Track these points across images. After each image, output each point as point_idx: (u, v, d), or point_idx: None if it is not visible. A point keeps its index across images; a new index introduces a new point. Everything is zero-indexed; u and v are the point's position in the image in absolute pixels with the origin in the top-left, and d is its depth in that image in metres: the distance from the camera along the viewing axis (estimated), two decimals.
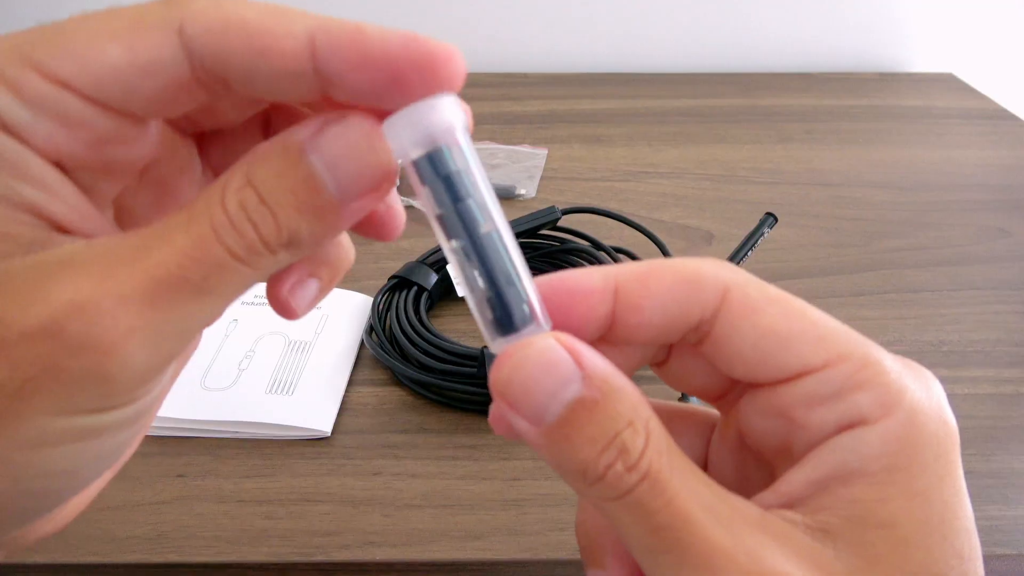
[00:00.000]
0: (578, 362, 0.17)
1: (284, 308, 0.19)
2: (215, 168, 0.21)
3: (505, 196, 0.61)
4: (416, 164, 0.17)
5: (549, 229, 0.50)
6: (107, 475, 0.20)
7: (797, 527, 0.17)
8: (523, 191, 0.61)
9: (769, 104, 0.79)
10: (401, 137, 0.17)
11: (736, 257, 0.46)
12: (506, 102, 0.79)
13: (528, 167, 0.65)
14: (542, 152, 0.68)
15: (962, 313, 0.48)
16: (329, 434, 0.39)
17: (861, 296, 0.50)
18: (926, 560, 0.17)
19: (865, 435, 0.17)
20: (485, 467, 0.37)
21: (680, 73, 0.87)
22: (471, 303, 0.18)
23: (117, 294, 0.15)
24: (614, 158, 0.66)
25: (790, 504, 0.18)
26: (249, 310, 0.47)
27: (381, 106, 0.17)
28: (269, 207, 0.16)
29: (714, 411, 0.22)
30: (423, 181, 0.17)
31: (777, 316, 0.18)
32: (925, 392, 0.18)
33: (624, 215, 0.50)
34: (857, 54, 0.88)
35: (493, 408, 0.18)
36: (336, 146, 0.17)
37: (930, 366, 0.46)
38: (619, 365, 0.18)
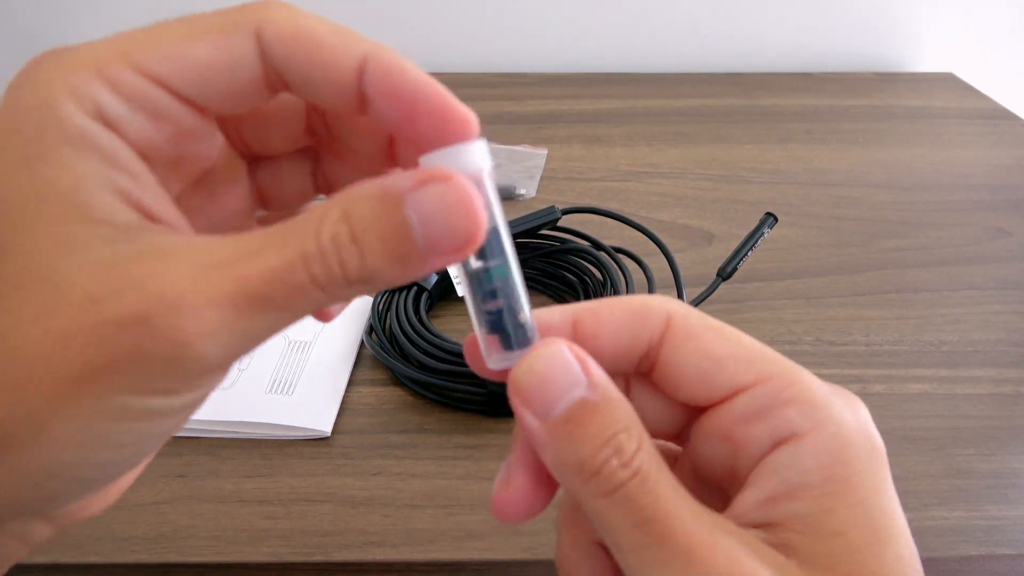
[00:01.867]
0: (585, 369, 0.19)
1: (323, 314, 0.23)
2: (261, 189, 0.23)
3: (505, 196, 0.61)
4: None
5: (549, 229, 0.50)
6: (144, 462, 0.22)
7: (763, 542, 0.19)
8: (523, 191, 0.61)
9: (769, 104, 0.79)
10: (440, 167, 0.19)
11: (736, 257, 0.46)
12: (506, 102, 0.79)
13: (528, 167, 0.65)
14: (542, 152, 0.68)
15: (962, 313, 0.48)
16: (329, 434, 0.39)
17: (861, 296, 0.50)
18: (874, 564, 0.18)
19: (799, 450, 0.19)
20: (485, 467, 0.37)
21: (680, 73, 0.87)
22: (476, 318, 0.20)
23: (206, 297, 0.17)
24: (614, 158, 0.66)
25: (746, 525, 0.19)
26: None
27: (396, 133, 0.20)
28: (359, 246, 0.17)
29: (675, 447, 0.23)
30: None
31: (713, 341, 0.21)
32: (850, 410, 0.20)
33: (624, 215, 0.50)
34: (857, 54, 0.88)
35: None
36: (434, 203, 0.18)
37: (930, 366, 0.46)
38: None
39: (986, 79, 0.87)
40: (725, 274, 0.46)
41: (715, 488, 0.21)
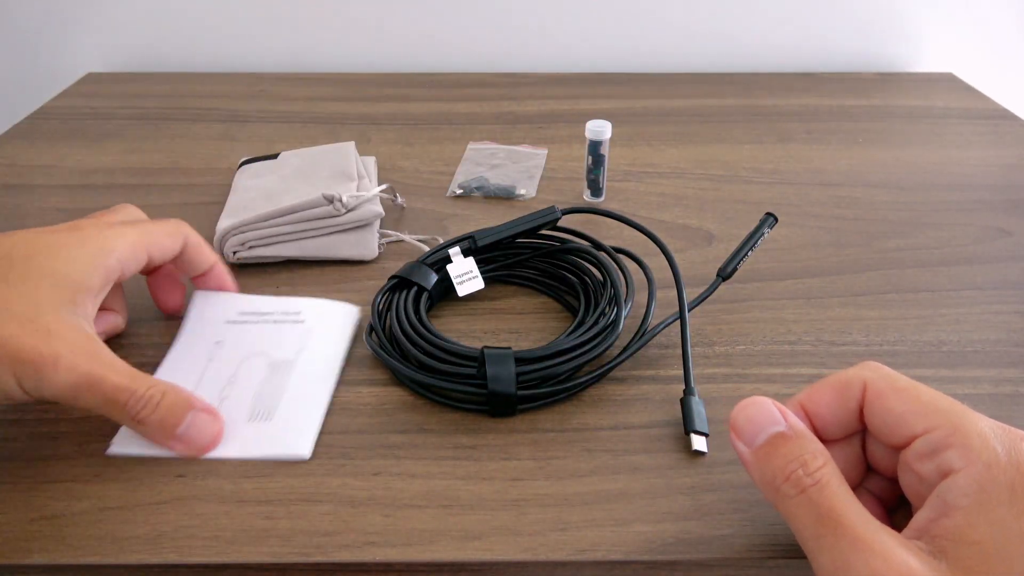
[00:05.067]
0: (784, 415, 0.29)
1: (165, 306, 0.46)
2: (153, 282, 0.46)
3: (505, 196, 0.61)
4: None
5: (549, 229, 0.50)
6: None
7: (922, 548, 0.25)
8: (523, 191, 0.61)
9: (769, 104, 0.79)
10: None
11: (736, 257, 0.46)
12: (506, 102, 0.79)
13: (528, 167, 0.65)
14: (542, 152, 0.68)
15: (962, 313, 0.48)
16: (308, 457, 0.37)
17: (861, 296, 0.50)
18: (1006, 570, 0.24)
19: (955, 481, 0.25)
20: (485, 467, 0.37)
21: (680, 73, 0.87)
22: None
23: (74, 367, 0.34)
24: (614, 158, 0.66)
25: (918, 537, 0.25)
26: (233, 330, 0.44)
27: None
28: (155, 410, 0.36)
29: None
30: None
31: (896, 400, 0.28)
32: (1005, 457, 0.26)
33: (624, 215, 0.50)
34: (858, 54, 0.88)
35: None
36: (202, 423, 0.37)
37: (930, 366, 0.46)
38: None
39: (986, 79, 0.87)
40: (725, 274, 0.46)
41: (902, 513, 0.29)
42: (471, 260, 0.48)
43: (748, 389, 0.42)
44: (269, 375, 0.42)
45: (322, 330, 0.45)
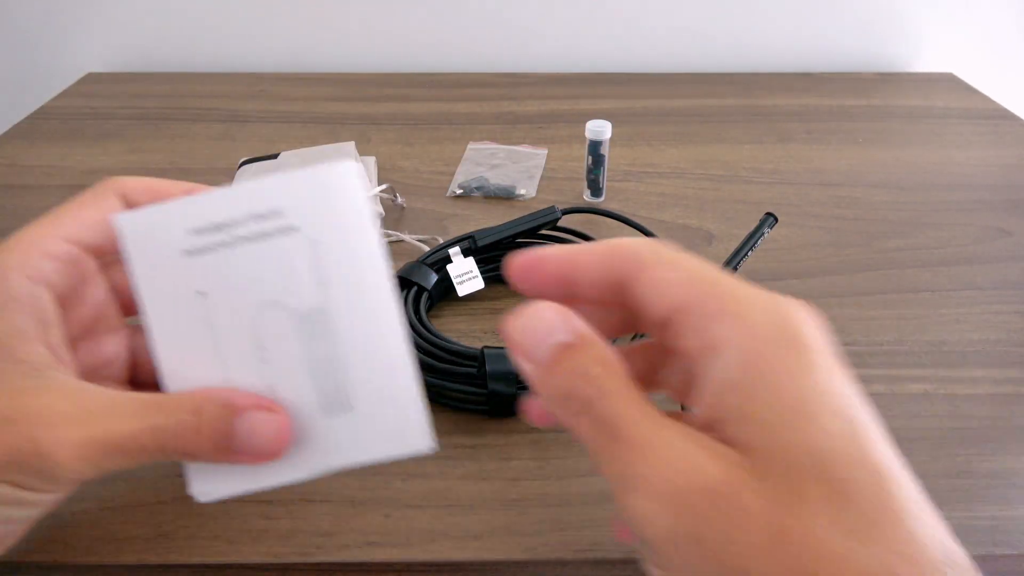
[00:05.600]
0: (568, 322, 0.24)
1: None
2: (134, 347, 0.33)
3: (505, 196, 0.61)
4: None
5: (549, 229, 0.50)
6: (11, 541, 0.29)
7: (713, 439, 0.22)
8: (523, 191, 0.61)
9: (769, 104, 0.79)
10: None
11: (736, 257, 0.46)
12: (506, 102, 0.79)
13: (528, 167, 0.65)
14: (542, 152, 0.68)
15: (962, 313, 0.48)
16: (434, 446, 0.29)
17: (861, 296, 0.50)
18: (796, 440, 0.21)
19: (725, 355, 0.22)
20: (485, 467, 0.37)
21: (680, 73, 0.87)
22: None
23: (76, 437, 0.26)
24: (614, 158, 0.66)
25: (701, 428, 0.22)
26: (205, 267, 0.28)
27: None
28: (198, 434, 0.27)
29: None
30: None
31: (663, 270, 0.24)
32: (772, 315, 0.23)
33: (624, 215, 0.50)
34: (857, 54, 0.88)
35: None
36: (260, 425, 0.27)
37: (930, 366, 0.46)
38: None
39: (986, 79, 0.87)
40: None
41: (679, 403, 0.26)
42: (471, 260, 0.48)
43: None
44: (305, 339, 0.29)
45: (332, 230, 0.28)
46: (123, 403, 0.26)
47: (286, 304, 0.29)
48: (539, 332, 0.24)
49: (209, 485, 0.29)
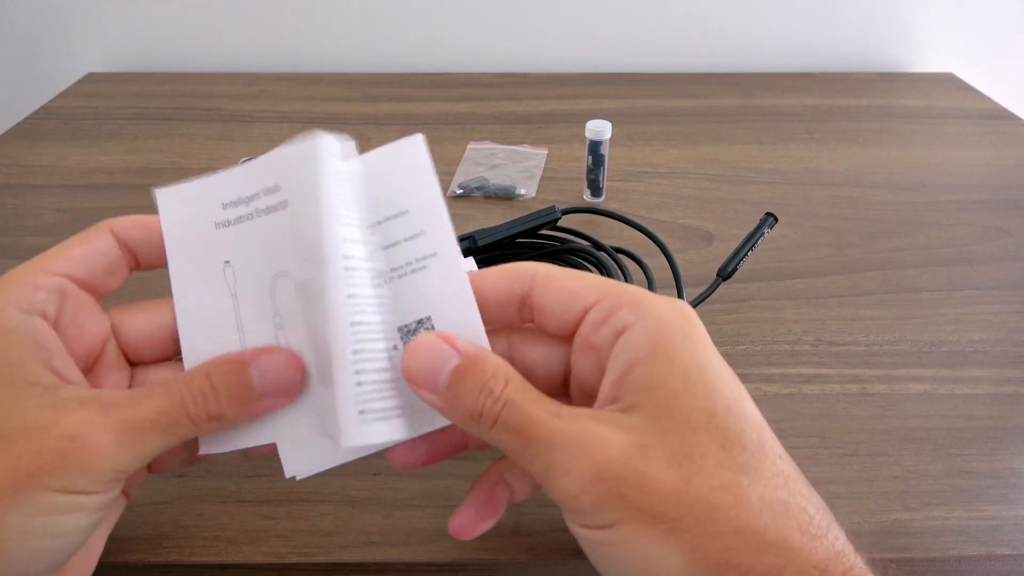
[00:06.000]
0: (453, 346, 0.27)
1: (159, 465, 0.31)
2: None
3: (505, 196, 0.61)
4: None
5: (549, 229, 0.50)
6: (86, 561, 0.29)
7: (613, 412, 0.26)
8: (523, 191, 0.61)
9: (769, 104, 0.79)
10: None
11: (736, 257, 0.46)
12: (506, 102, 0.79)
13: (528, 167, 0.65)
14: (542, 152, 0.68)
15: (962, 313, 0.48)
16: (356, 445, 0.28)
17: (861, 296, 0.50)
18: (694, 403, 0.25)
19: (630, 336, 0.26)
20: (485, 467, 0.37)
21: (680, 73, 0.87)
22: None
23: (106, 426, 0.25)
24: (614, 158, 0.66)
25: (607, 403, 0.26)
26: (230, 238, 0.30)
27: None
28: (216, 394, 0.27)
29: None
30: None
31: (566, 280, 0.28)
32: (670, 307, 0.27)
33: (624, 215, 0.50)
34: (857, 54, 0.88)
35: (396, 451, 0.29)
36: (269, 364, 0.28)
37: (930, 366, 0.46)
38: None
39: (986, 79, 0.87)
40: (725, 274, 0.46)
41: (594, 394, 0.28)
42: (471, 260, 0.48)
43: (748, 389, 0.42)
44: (305, 309, 0.29)
45: (305, 202, 0.28)
46: (144, 391, 0.27)
47: (290, 274, 0.29)
48: (433, 363, 0.26)
49: (297, 463, 0.29)
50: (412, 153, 0.30)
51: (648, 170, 0.65)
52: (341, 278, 0.27)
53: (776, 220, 0.48)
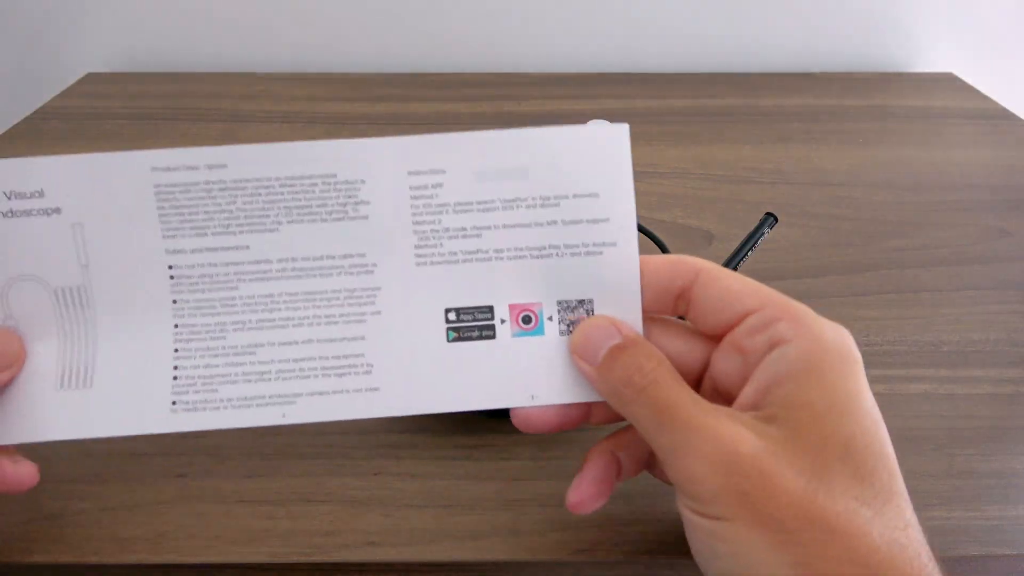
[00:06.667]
0: (617, 328, 0.29)
1: None
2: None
3: None
4: None
5: None
6: None
7: (751, 417, 0.26)
8: None
9: (769, 104, 0.79)
10: None
11: (736, 257, 0.46)
12: (506, 102, 0.79)
13: None
14: None
15: (962, 313, 0.48)
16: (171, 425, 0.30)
17: (861, 296, 0.50)
18: (835, 428, 0.25)
19: (786, 350, 0.27)
20: (485, 467, 0.37)
21: (680, 73, 0.87)
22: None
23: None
24: None
25: (746, 409, 0.27)
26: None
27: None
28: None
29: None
30: None
31: (731, 281, 0.29)
32: (832, 330, 0.27)
33: None
34: (857, 54, 0.88)
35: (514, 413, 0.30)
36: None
37: (930, 366, 0.46)
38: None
39: (986, 79, 0.87)
40: None
41: (729, 397, 0.29)
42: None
43: None
44: (60, 310, 0.30)
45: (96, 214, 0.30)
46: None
47: (43, 278, 0.29)
48: (598, 340, 0.29)
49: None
50: (616, 140, 0.31)
51: (648, 170, 0.65)
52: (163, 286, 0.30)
53: (776, 220, 0.48)
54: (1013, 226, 0.58)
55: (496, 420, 0.40)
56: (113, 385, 0.30)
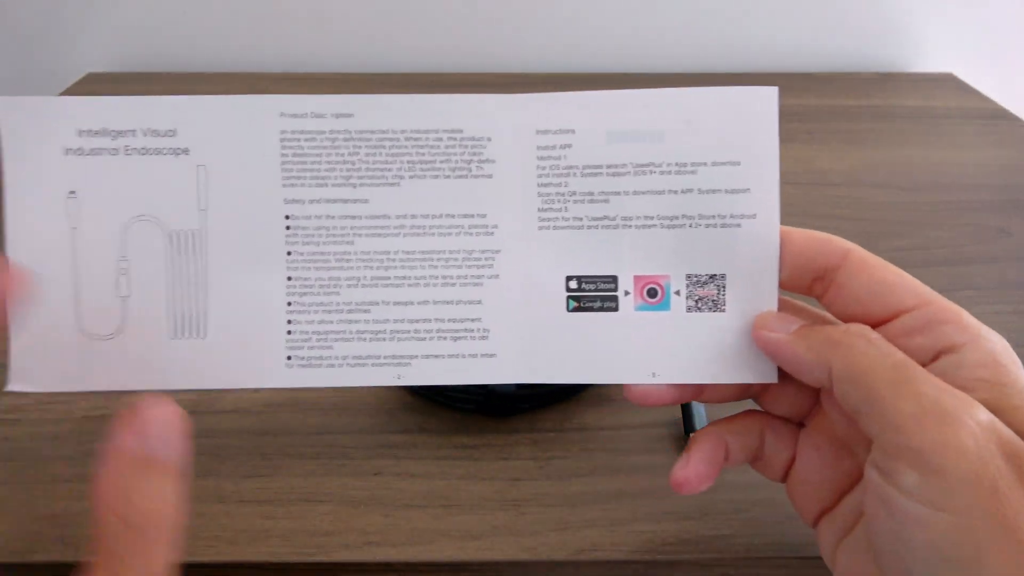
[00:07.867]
0: (794, 318, 0.28)
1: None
2: None
3: None
4: None
5: None
6: None
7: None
8: None
9: None
10: None
11: None
12: None
13: None
14: None
15: None
16: (281, 384, 0.29)
17: None
18: None
19: (963, 357, 0.24)
20: (485, 467, 0.37)
21: (680, 73, 0.87)
22: None
23: None
24: None
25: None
26: (84, 164, 0.28)
27: None
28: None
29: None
30: None
31: (885, 271, 0.27)
32: (995, 335, 0.26)
33: None
34: (858, 54, 0.88)
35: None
36: None
37: None
38: None
39: (986, 79, 0.87)
40: None
41: (845, 448, 0.28)
42: None
43: None
44: (173, 254, 0.29)
45: (228, 162, 0.29)
46: None
47: (160, 220, 0.28)
48: (782, 323, 0.27)
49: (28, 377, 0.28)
50: (764, 105, 0.28)
51: None
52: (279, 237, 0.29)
53: None
54: (1013, 226, 0.58)
55: (496, 420, 0.40)
56: (226, 337, 0.28)
